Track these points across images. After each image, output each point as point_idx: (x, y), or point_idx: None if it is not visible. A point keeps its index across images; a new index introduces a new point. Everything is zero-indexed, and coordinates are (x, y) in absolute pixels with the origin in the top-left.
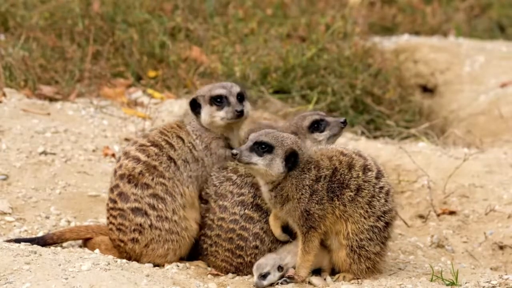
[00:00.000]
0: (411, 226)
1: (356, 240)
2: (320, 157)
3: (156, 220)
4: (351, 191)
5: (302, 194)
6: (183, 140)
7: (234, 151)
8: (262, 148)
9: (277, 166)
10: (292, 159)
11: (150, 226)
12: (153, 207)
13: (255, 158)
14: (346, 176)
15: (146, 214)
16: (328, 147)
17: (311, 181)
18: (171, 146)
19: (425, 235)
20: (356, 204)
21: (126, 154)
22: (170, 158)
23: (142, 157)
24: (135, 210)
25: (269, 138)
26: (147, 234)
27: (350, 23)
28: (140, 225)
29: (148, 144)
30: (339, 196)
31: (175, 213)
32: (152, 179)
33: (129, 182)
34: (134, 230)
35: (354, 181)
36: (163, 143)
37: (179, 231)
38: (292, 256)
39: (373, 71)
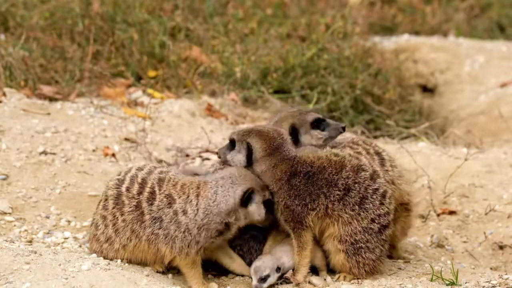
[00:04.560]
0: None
1: (352, 242)
2: (306, 155)
3: None
4: (339, 191)
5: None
6: None
7: None
8: None
9: None
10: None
11: None
12: None
13: None
14: (335, 176)
15: None
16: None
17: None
18: None
19: (425, 235)
20: (345, 205)
21: None
22: None
23: None
24: None
25: None
26: None
27: (350, 23)
28: None
29: None
30: (326, 195)
31: None
32: None
33: None
34: None
35: (343, 181)
36: None
37: None
38: (287, 255)
39: (373, 71)
